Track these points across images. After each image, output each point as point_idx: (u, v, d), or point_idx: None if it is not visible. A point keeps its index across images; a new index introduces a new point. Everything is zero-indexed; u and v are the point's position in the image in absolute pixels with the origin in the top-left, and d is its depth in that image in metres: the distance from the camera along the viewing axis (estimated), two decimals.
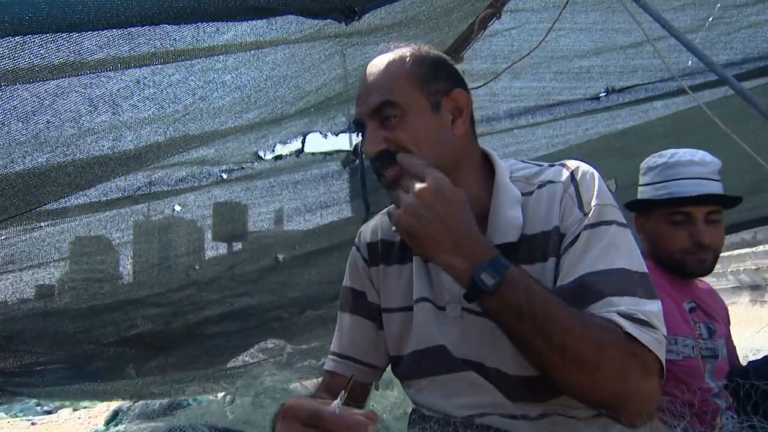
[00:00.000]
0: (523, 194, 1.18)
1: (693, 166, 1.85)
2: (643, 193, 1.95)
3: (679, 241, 1.81)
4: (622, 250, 1.08)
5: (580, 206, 1.12)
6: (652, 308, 1.02)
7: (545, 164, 1.23)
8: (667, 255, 1.84)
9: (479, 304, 1.03)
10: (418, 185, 1.01)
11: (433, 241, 1.01)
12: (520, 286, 1.00)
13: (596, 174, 1.16)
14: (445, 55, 1.24)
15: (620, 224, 1.11)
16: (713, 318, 1.87)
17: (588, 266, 1.06)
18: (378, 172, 1.17)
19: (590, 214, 1.10)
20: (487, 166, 1.24)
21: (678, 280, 1.87)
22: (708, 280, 2.03)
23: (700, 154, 1.87)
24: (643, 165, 1.97)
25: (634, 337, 0.98)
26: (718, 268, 1.95)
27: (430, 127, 1.15)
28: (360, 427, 0.89)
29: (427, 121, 1.15)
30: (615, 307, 1.01)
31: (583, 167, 1.17)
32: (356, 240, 1.42)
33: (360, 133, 1.20)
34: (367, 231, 1.40)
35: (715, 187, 1.83)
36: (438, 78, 1.17)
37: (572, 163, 1.19)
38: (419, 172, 1.03)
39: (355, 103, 1.20)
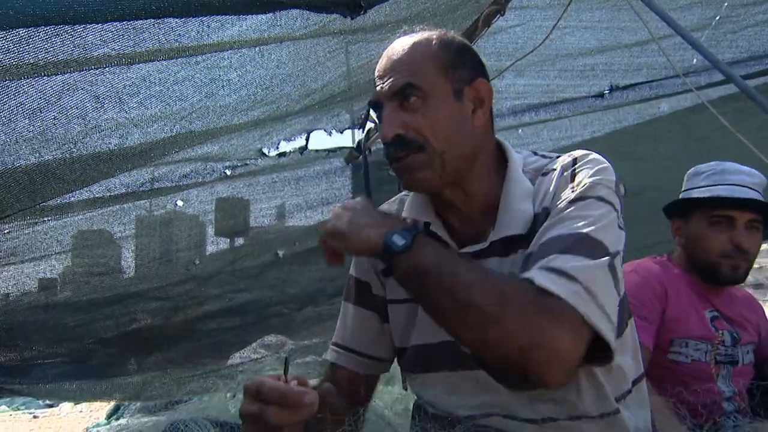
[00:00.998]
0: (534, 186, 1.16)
1: (740, 175, 1.87)
2: (684, 196, 1.96)
3: (719, 243, 1.83)
4: (587, 218, 1.03)
5: (573, 186, 1.09)
6: (582, 263, 0.96)
7: (557, 156, 1.21)
8: (703, 258, 1.86)
9: (392, 269, 1.06)
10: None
11: (350, 227, 1.08)
12: (428, 247, 1.03)
13: (601, 161, 1.12)
14: (470, 43, 1.22)
15: (600, 198, 1.06)
16: (741, 325, 1.89)
17: (548, 234, 1.04)
18: (390, 157, 1.15)
19: (577, 190, 1.07)
20: (502, 157, 1.22)
21: (706, 288, 1.88)
22: None
23: (747, 167, 1.89)
24: (690, 171, 1.99)
25: (546, 289, 0.93)
26: None
27: (451, 115, 1.12)
28: (294, 396, 0.93)
29: (448, 108, 1.12)
30: (545, 261, 0.98)
31: (591, 155, 1.14)
32: None
33: (376, 114, 1.17)
34: None
35: (760, 198, 1.85)
36: (463, 65, 1.15)
37: (579, 152, 1.16)
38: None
39: (375, 81, 1.17)
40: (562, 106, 2.85)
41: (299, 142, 2.40)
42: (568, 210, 1.05)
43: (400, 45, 1.15)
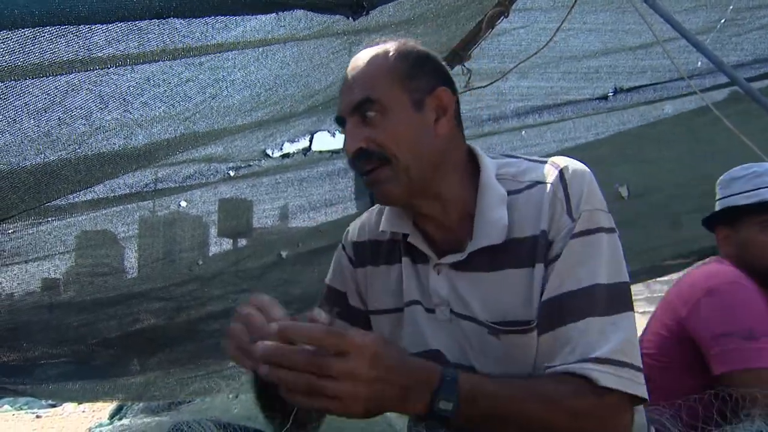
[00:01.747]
0: (509, 192, 1.15)
1: None
2: (728, 204, 1.90)
3: None
4: (602, 261, 1.06)
5: (569, 212, 1.08)
6: (619, 336, 1.01)
7: (533, 160, 1.20)
8: (760, 263, 1.81)
9: (447, 427, 0.98)
10: (344, 365, 0.86)
11: (388, 402, 0.92)
12: (477, 395, 0.96)
13: (587, 173, 1.13)
14: (431, 51, 1.21)
15: (607, 230, 1.08)
16: None
17: (568, 284, 1.05)
18: (357, 171, 1.15)
19: (578, 222, 1.07)
20: (473, 164, 1.21)
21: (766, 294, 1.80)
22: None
23: None
24: (723, 178, 1.94)
25: (606, 387, 0.98)
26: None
27: (412, 126, 1.12)
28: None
29: (408, 119, 1.11)
30: (584, 351, 1.01)
31: (574, 166, 1.14)
32: (343, 238, 1.39)
33: (341, 130, 1.17)
34: (355, 230, 1.37)
35: None
36: (422, 74, 1.14)
37: (562, 161, 1.15)
38: (335, 344, 0.87)
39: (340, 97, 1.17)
40: (565, 108, 2.84)
41: (303, 143, 2.40)
42: (578, 250, 1.06)
43: (359, 60, 1.16)
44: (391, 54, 1.14)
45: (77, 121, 1.14)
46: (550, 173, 1.13)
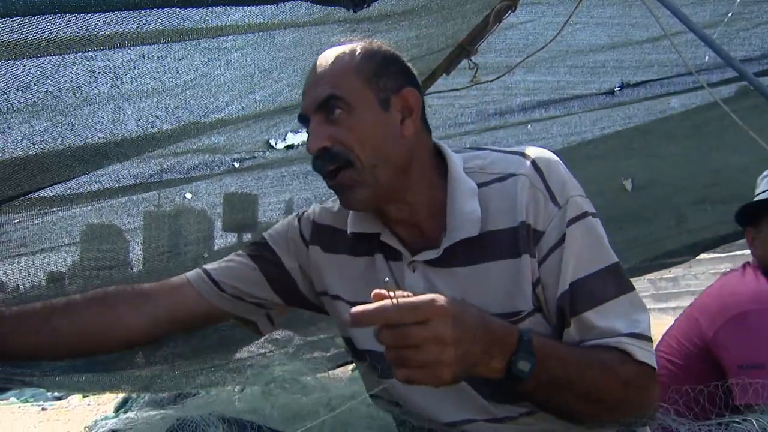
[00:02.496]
0: (479, 185, 1.14)
1: None
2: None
3: None
4: (602, 244, 1.09)
5: (553, 200, 1.09)
6: (644, 316, 1.07)
7: (501, 151, 1.19)
8: None
9: (512, 391, 0.99)
10: (427, 332, 0.84)
11: (473, 363, 0.90)
12: (550, 356, 0.98)
13: (557, 161, 1.14)
14: (397, 52, 1.21)
15: (593, 215, 1.11)
16: None
17: (580, 269, 1.07)
18: (319, 172, 1.14)
19: (567, 208, 1.08)
20: (440, 160, 1.20)
21: None
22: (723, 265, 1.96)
23: None
24: (759, 179, 1.90)
25: (643, 361, 1.03)
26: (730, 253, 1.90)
27: (377, 126, 1.11)
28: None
29: (374, 118, 1.11)
30: (616, 325, 1.04)
31: (544, 155, 1.14)
32: (301, 213, 1.38)
33: (304, 128, 1.17)
34: (316, 210, 1.36)
35: None
36: (388, 74, 1.14)
37: (531, 151, 1.15)
38: (413, 316, 0.84)
39: (302, 96, 1.17)
40: (572, 102, 2.83)
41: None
42: (579, 236, 1.08)
43: (324, 57, 1.15)
44: (357, 53, 1.14)
45: (65, 94, 1.14)
46: (521, 164, 1.13)
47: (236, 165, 2.37)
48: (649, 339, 1.06)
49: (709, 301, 1.81)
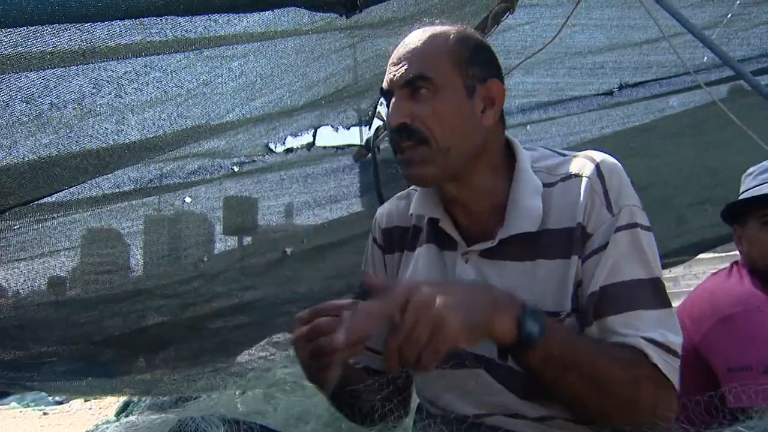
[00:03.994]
0: (544, 185, 1.14)
1: None
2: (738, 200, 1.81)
3: None
4: (646, 257, 1.07)
5: (608, 206, 1.08)
6: (675, 337, 1.04)
7: (569, 154, 1.20)
8: (763, 263, 1.71)
9: (524, 360, 0.98)
10: (412, 308, 0.85)
11: (480, 316, 0.91)
12: (557, 329, 0.98)
13: (621, 169, 1.13)
14: (488, 43, 1.21)
15: (644, 228, 1.09)
16: None
17: (613, 275, 1.06)
18: (395, 145, 1.14)
19: (619, 216, 1.08)
20: (510, 155, 1.20)
21: None
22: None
23: None
24: (744, 175, 1.85)
25: (658, 367, 1.00)
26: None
27: (459, 110, 1.11)
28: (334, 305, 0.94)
29: (457, 103, 1.11)
30: (640, 331, 1.02)
31: (609, 161, 1.14)
32: (372, 226, 1.38)
33: (386, 101, 1.16)
34: (382, 216, 1.36)
35: None
36: (478, 63, 1.14)
37: (597, 156, 1.15)
38: (390, 309, 0.86)
39: (387, 69, 1.15)
40: (571, 104, 2.83)
41: (306, 138, 2.40)
42: (624, 244, 1.07)
43: (418, 35, 1.14)
44: (452, 36, 1.13)
45: (69, 105, 1.14)
46: (586, 167, 1.13)
47: (236, 169, 2.37)
48: (672, 352, 1.02)
49: (694, 304, 1.79)
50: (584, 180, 1.11)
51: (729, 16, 2.46)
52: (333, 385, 0.92)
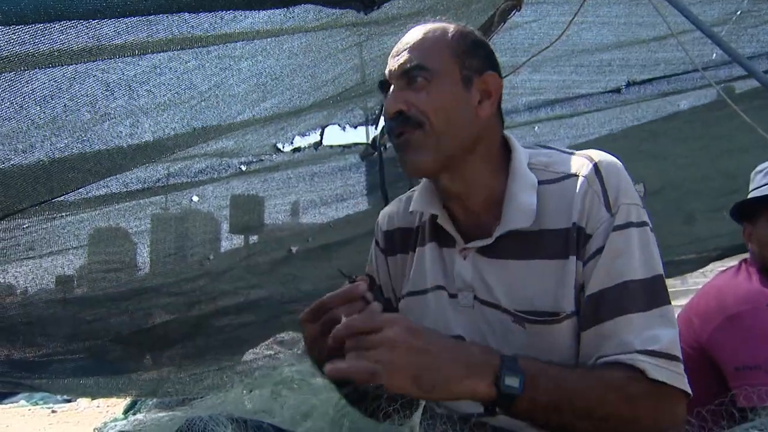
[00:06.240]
0: (540, 182, 1.14)
1: None
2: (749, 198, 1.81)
3: None
4: (640, 256, 1.07)
5: (607, 206, 1.08)
6: (667, 333, 1.03)
7: (567, 152, 1.19)
8: None
9: (512, 412, 0.97)
10: (379, 336, 0.92)
11: (444, 377, 0.93)
12: (539, 374, 0.97)
13: (621, 167, 1.13)
14: (487, 41, 1.24)
15: (637, 224, 1.08)
16: None
17: (606, 279, 1.06)
18: (390, 132, 1.16)
19: (616, 216, 1.07)
20: (506, 152, 1.21)
21: None
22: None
23: None
24: (753, 172, 1.85)
25: (659, 380, 1.00)
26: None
27: (455, 99, 1.13)
28: (350, 291, 1.02)
29: (453, 91, 1.13)
30: (632, 340, 1.02)
31: (608, 159, 1.13)
32: (375, 229, 1.40)
33: (383, 93, 1.17)
34: (384, 219, 1.38)
35: None
36: (476, 55, 1.15)
37: (596, 155, 1.15)
38: (367, 326, 0.94)
39: (388, 61, 1.18)
40: (578, 101, 2.82)
41: (314, 137, 2.40)
42: (616, 245, 1.06)
43: (416, 30, 1.17)
44: (450, 30, 1.16)
45: (82, 108, 1.14)
46: (583, 166, 1.13)
47: (243, 168, 2.38)
48: (669, 357, 1.01)
49: (702, 302, 1.78)
50: (581, 180, 1.11)
51: (738, 12, 2.44)
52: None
